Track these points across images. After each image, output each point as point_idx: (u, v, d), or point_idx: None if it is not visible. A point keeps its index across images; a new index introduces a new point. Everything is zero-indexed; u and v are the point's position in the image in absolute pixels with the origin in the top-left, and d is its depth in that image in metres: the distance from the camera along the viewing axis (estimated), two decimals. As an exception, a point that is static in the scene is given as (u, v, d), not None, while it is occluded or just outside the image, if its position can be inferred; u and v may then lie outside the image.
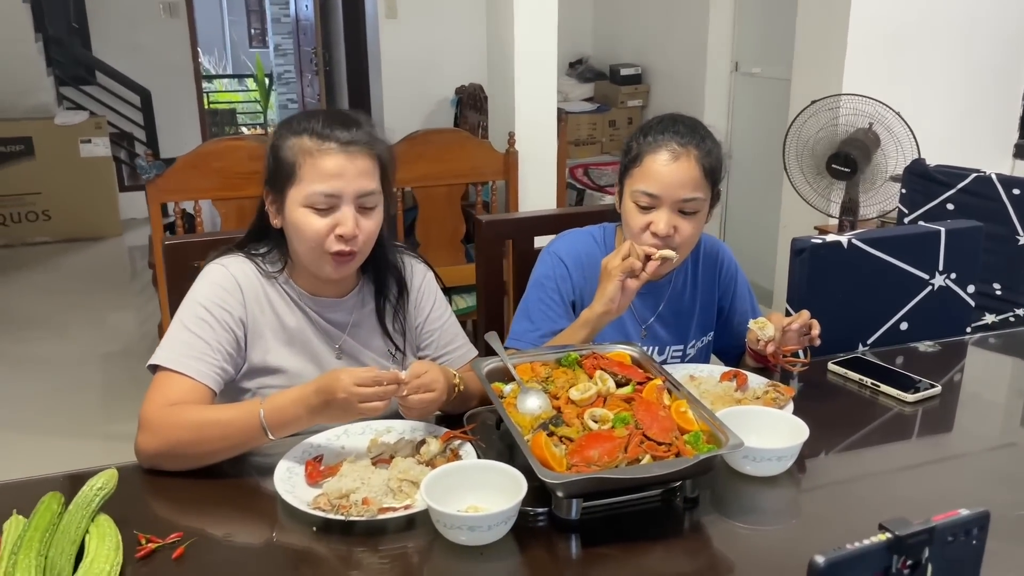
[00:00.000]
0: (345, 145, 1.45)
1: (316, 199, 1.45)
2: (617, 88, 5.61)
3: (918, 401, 1.62)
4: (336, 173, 1.44)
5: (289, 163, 1.47)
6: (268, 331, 1.54)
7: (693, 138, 1.63)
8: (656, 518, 1.28)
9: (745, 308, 1.86)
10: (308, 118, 1.50)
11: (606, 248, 1.78)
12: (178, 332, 1.47)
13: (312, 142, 1.46)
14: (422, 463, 1.35)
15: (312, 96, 8.40)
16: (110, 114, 6.67)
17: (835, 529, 1.25)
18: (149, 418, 1.37)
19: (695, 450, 1.26)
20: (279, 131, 1.52)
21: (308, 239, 1.47)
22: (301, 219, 1.47)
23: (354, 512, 1.21)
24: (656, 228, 1.61)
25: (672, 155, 1.61)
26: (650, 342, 1.79)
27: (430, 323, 1.68)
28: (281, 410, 1.35)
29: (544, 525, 1.25)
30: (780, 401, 1.54)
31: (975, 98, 4.20)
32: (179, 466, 1.36)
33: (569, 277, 1.75)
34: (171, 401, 1.39)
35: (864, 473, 1.42)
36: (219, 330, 1.48)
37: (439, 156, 3.43)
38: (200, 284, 1.52)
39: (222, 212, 3.24)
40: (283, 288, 1.57)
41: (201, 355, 1.45)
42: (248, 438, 1.36)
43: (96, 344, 4.54)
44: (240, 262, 1.55)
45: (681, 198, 1.61)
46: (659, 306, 1.79)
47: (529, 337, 1.73)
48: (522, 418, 1.35)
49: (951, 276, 1.96)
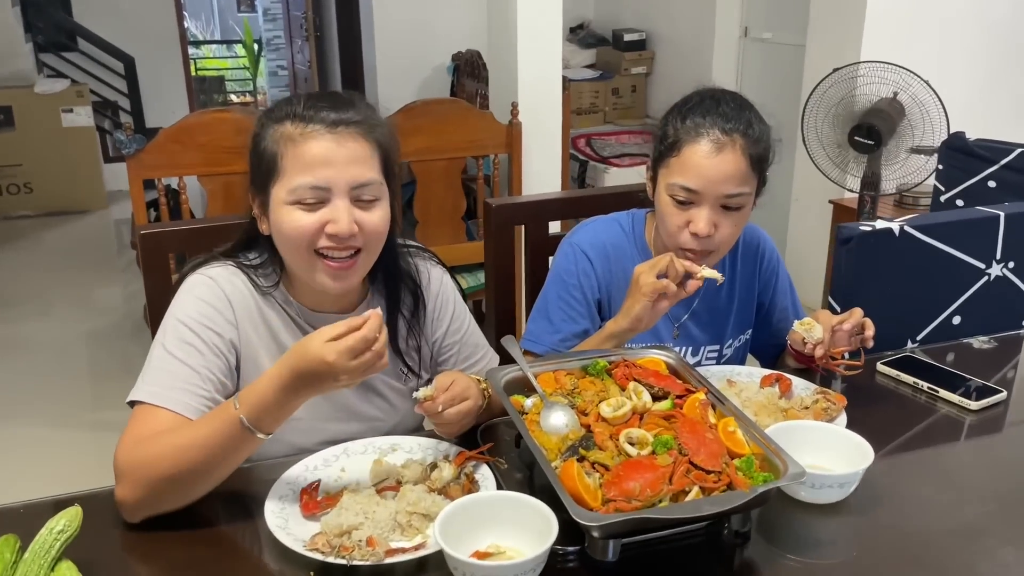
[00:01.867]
0: (332, 126, 1.23)
1: (302, 193, 1.22)
2: (620, 54, 5.39)
3: (982, 409, 1.46)
4: (323, 160, 1.22)
5: (270, 155, 1.25)
6: (264, 353, 1.33)
7: (739, 123, 1.43)
8: (702, 555, 1.12)
9: (786, 304, 1.69)
10: (290, 101, 1.27)
11: (635, 239, 1.60)
12: (160, 360, 1.25)
13: (294, 127, 1.24)
14: (433, 491, 1.18)
15: (303, 62, 8.14)
16: (92, 82, 6.43)
17: (904, 562, 1.10)
18: (121, 463, 1.16)
19: (749, 479, 1.09)
20: (260, 120, 1.30)
21: (292, 239, 1.24)
22: (286, 218, 1.24)
23: (357, 555, 1.05)
24: (696, 228, 1.44)
25: (715, 146, 1.41)
26: (683, 342, 1.62)
27: (450, 335, 1.48)
28: (262, 404, 1.12)
29: (575, 566, 1.09)
30: (832, 411, 1.37)
31: (996, 66, 4.02)
32: (170, 506, 1.15)
33: (593, 272, 1.57)
34: (145, 439, 1.18)
35: (933, 493, 1.26)
36: (208, 355, 1.26)
37: (438, 128, 3.23)
38: (184, 300, 1.30)
39: (209, 189, 3.06)
40: (280, 304, 1.36)
41: (188, 385, 1.23)
42: (235, 447, 1.15)
43: (81, 322, 4.37)
44: (230, 274, 1.33)
45: (724, 194, 1.43)
46: (694, 303, 1.61)
47: (548, 339, 1.56)
48: (547, 438, 1.18)
49: (1009, 265, 1.79)
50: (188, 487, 1.15)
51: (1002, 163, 2.36)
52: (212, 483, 1.16)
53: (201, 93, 9.04)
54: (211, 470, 1.15)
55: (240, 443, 1.15)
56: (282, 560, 1.09)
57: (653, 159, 1.52)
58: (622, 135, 5.17)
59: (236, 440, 1.14)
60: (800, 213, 4.27)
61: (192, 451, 1.14)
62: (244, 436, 1.13)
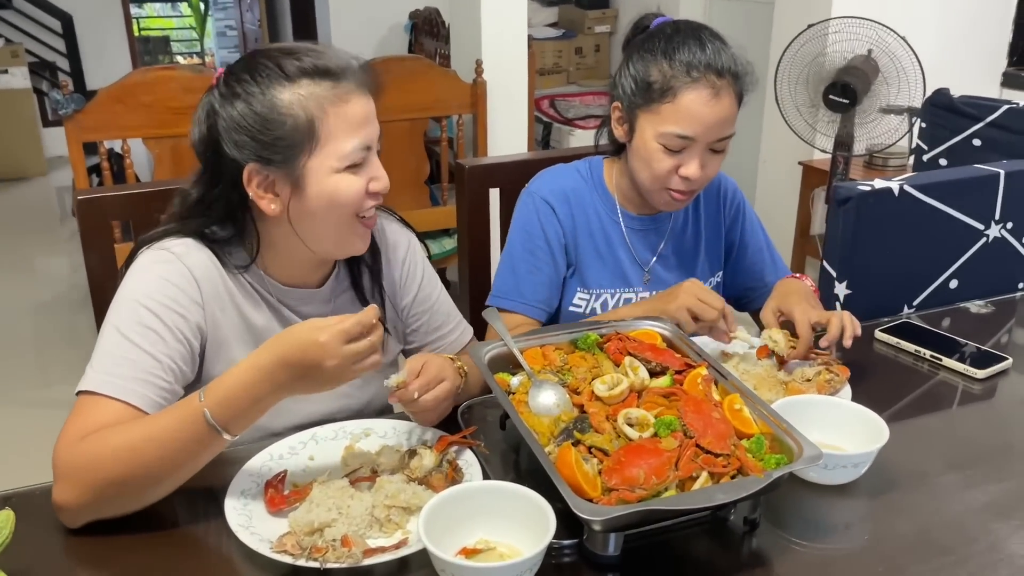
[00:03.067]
0: (357, 82, 1.14)
1: (356, 156, 1.13)
2: (583, 13, 5.24)
3: (988, 377, 1.39)
4: (365, 118, 1.14)
5: (303, 120, 1.09)
6: (232, 335, 1.19)
7: (729, 62, 1.37)
8: (707, 544, 1.03)
9: (759, 243, 1.63)
10: (288, 54, 1.12)
11: (595, 184, 1.55)
12: (115, 345, 1.09)
13: (323, 87, 1.11)
14: (413, 480, 1.07)
15: (252, 22, 7.84)
16: (28, 41, 6.13)
17: (923, 546, 1.02)
18: (62, 462, 1.01)
19: (760, 462, 1.00)
20: (262, 85, 1.10)
21: (347, 205, 1.14)
22: (338, 185, 1.13)
23: (332, 556, 0.94)
24: (688, 172, 1.40)
25: (713, 91, 1.35)
26: (654, 286, 1.56)
27: (419, 303, 1.37)
28: (233, 400, 1.00)
29: (573, 560, 0.99)
30: (836, 383, 1.29)
31: (965, 24, 3.97)
32: (116, 512, 1.02)
33: (556, 218, 1.51)
34: (91, 434, 1.03)
35: (944, 470, 1.18)
36: (171, 341, 1.12)
37: (400, 87, 3.07)
38: (142, 278, 1.14)
39: (155, 153, 2.87)
40: (249, 282, 1.22)
41: (147, 375, 1.08)
42: (197, 448, 1.01)
43: (24, 294, 4.18)
44: (195, 248, 1.18)
45: (718, 138, 1.39)
46: (660, 245, 1.57)
47: (515, 293, 1.50)
48: (537, 420, 1.08)
49: (1007, 226, 1.72)
50: (139, 493, 1.01)
51: (988, 120, 2.29)
52: (166, 489, 1.03)
53: (145, 54, 8.69)
54: (167, 475, 1.02)
55: (203, 444, 1.01)
56: (248, 563, 0.97)
57: (629, 102, 1.42)
58: (587, 96, 5.05)
59: (198, 441, 1.00)
60: (768, 175, 4.20)
61: (147, 453, 0.99)
62: (208, 436, 1.00)
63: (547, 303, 1.52)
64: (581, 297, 1.54)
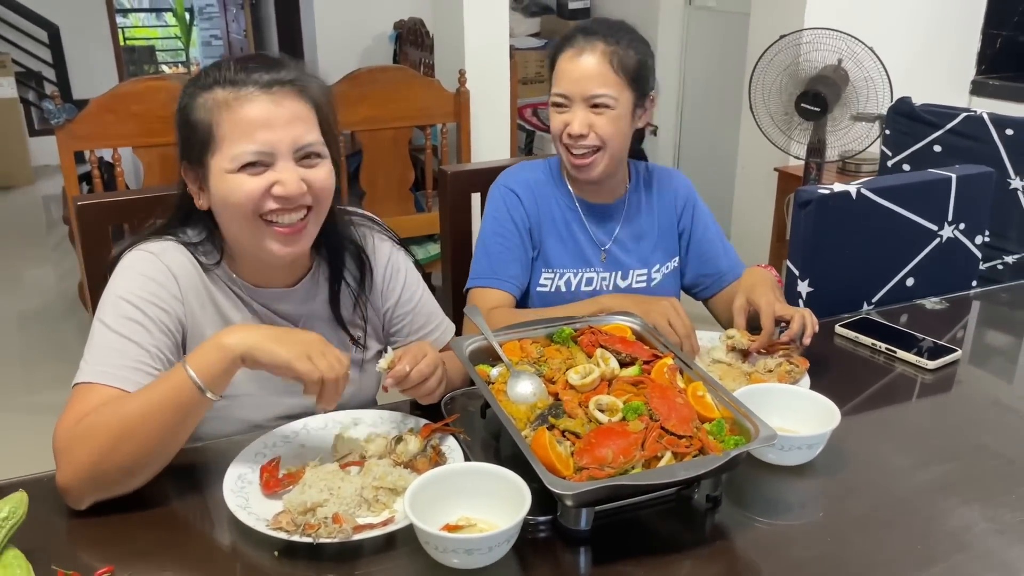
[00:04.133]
0: (266, 87, 1.17)
1: (245, 159, 1.16)
2: (565, 23, 5.34)
3: (939, 368, 1.48)
4: (262, 123, 1.16)
5: (204, 125, 1.18)
6: (210, 330, 1.26)
7: (603, 34, 1.56)
8: (673, 521, 1.11)
9: (710, 234, 1.75)
10: (218, 67, 1.20)
11: (554, 177, 1.71)
12: (103, 337, 1.17)
13: (226, 92, 1.17)
14: (399, 464, 1.15)
15: (238, 31, 7.89)
16: (14, 51, 6.15)
17: (871, 522, 1.10)
18: (59, 442, 1.09)
19: (720, 443, 1.08)
20: (187, 90, 1.22)
21: (241, 205, 1.18)
22: (229, 187, 1.17)
23: (323, 532, 1.01)
24: (571, 128, 1.56)
25: (576, 51, 1.56)
26: (611, 266, 1.70)
27: (402, 305, 1.44)
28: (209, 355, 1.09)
29: (548, 536, 1.07)
30: (795, 374, 1.38)
31: (935, 33, 4.08)
32: (116, 488, 1.09)
33: (521, 204, 1.67)
34: (86, 416, 1.10)
35: (894, 452, 1.27)
36: (156, 332, 1.19)
37: (384, 96, 3.16)
38: (125, 277, 1.22)
39: (145, 161, 2.93)
40: (224, 282, 1.29)
41: (136, 363, 1.15)
42: (184, 410, 1.08)
43: (11, 303, 4.20)
44: (172, 250, 1.26)
45: (590, 93, 1.55)
46: (615, 229, 1.71)
47: (490, 273, 1.64)
48: (515, 407, 1.16)
49: (959, 227, 1.82)
50: (132, 461, 1.07)
51: (947, 127, 2.40)
52: (158, 458, 1.10)
53: (131, 64, 8.71)
54: (158, 438, 1.08)
55: (190, 405, 1.08)
56: (245, 540, 1.04)
57: None
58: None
59: (185, 402, 1.07)
60: (746, 180, 4.30)
61: (136, 419, 1.06)
62: (193, 396, 1.07)
63: (519, 279, 1.65)
64: (546, 277, 1.68)
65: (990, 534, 1.07)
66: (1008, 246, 2.36)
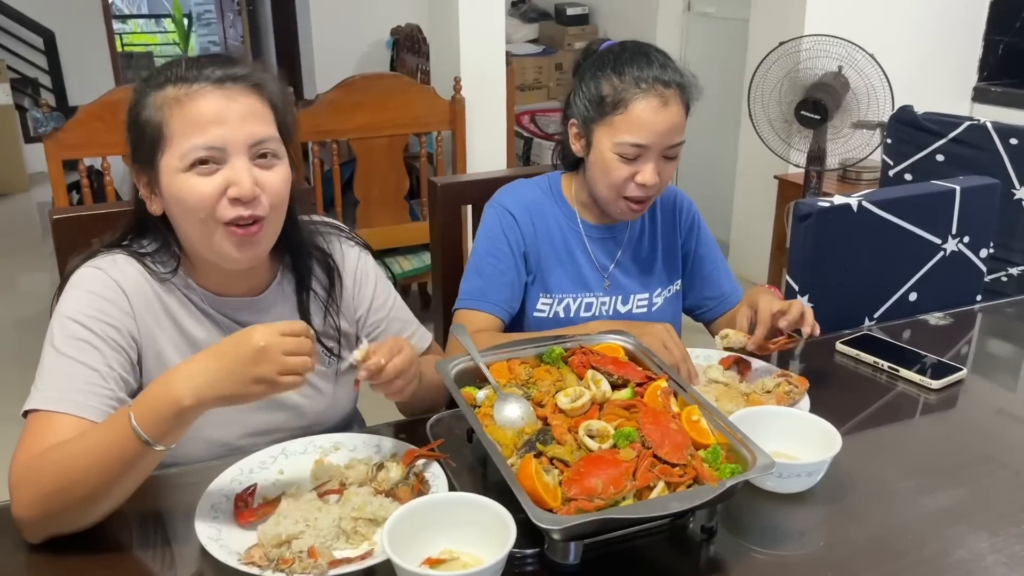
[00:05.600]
0: (219, 83, 1.12)
1: (195, 155, 1.10)
2: (563, 29, 5.32)
3: (944, 387, 1.43)
4: (214, 117, 1.10)
5: (153, 124, 1.11)
6: (169, 347, 1.21)
7: (674, 74, 1.46)
8: (667, 552, 1.06)
9: (714, 256, 1.71)
10: (169, 66, 1.15)
11: (554, 197, 1.64)
12: (52, 361, 1.11)
13: (176, 89, 1.11)
14: (380, 493, 1.10)
15: (235, 38, 7.87)
16: (10, 58, 6.11)
17: (875, 552, 1.05)
18: (14, 479, 1.03)
19: (716, 472, 1.03)
20: (138, 89, 1.16)
21: (195, 209, 1.12)
22: (182, 188, 1.11)
23: (298, 568, 0.96)
24: (645, 179, 1.47)
25: (661, 101, 1.44)
26: (614, 291, 1.63)
27: (375, 312, 1.39)
28: (156, 408, 0.99)
29: (535, 569, 1.02)
30: (795, 395, 1.33)
31: (936, 40, 4.04)
32: (68, 527, 1.03)
33: (517, 226, 1.59)
34: (39, 450, 1.05)
35: (898, 476, 1.21)
36: (106, 350, 1.14)
37: (379, 104, 3.11)
38: (70, 296, 1.16)
39: (134, 170, 2.88)
40: (181, 291, 1.23)
41: (87, 385, 1.10)
42: (130, 461, 1.00)
43: (6, 310, 4.15)
44: (123, 262, 1.20)
45: (669, 145, 1.47)
46: (618, 253, 1.64)
47: (480, 295, 1.56)
48: (501, 433, 1.10)
49: (964, 240, 1.77)
50: (81, 506, 1.02)
51: (950, 136, 2.35)
52: (107, 502, 1.03)
53: (128, 70, 8.67)
54: (104, 487, 1.01)
55: (135, 455, 1.00)
56: (217, 575, 0.99)
57: (584, 118, 1.51)
58: (566, 111, 5.10)
59: (130, 451, 0.99)
60: (745, 189, 4.26)
61: (80, 465, 1.00)
62: (138, 447, 0.99)
63: (510, 304, 1.58)
64: (544, 302, 1.61)
65: (1000, 567, 1.02)
66: (1013, 257, 2.31)
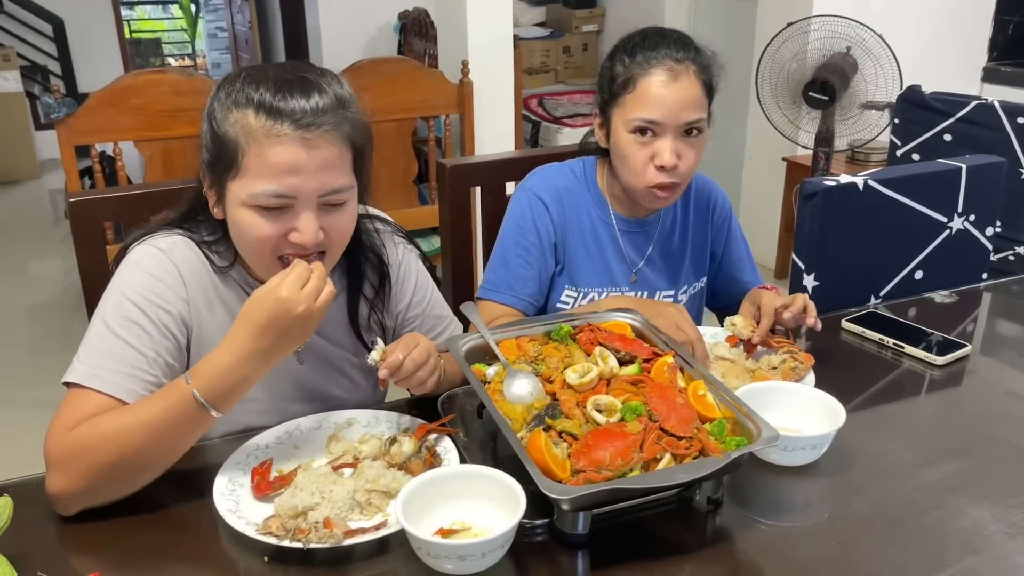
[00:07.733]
0: (304, 129, 1.09)
1: (263, 200, 1.10)
2: (571, 12, 5.30)
3: (948, 363, 1.44)
4: (290, 168, 1.09)
5: (231, 145, 1.10)
6: (218, 333, 1.20)
7: (688, 51, 1.43)
8: (674, 523, 1.08)
9: (740, 255, 1.68)
10: (255, 82, 1.11)
11: (588, 184, 1.59)
12: (102, 338, 1.12)
13: (259, 121, 1.09)
14: (393, 466, 1.12)
15: (243, 23, 7.86)
16: (19, 45, 6.15)
17: (878, 523, 1.07)
18: (54, 452, 1.06)
19: (721, 444, 1.05)
20: (219, 94, 1.13)
21: (252, 246, 1.14)
22: (244, 221, 1.12)
23: (314, 537, 0.99)
24: (662, 160, 1.42)
25: (670, 74, 1.41)
26: (641, 287, 1.61)
27: (413, 307, 1.40)
28: (218, 377, 1.04)
29: (544, 539, 1.04)
30: (800, 371, 1.35)
31: (946, 20, 4.03)
32: (109, 498, 1.07)
33: (549, 216, 1.55)
34: (80, 425, 1.07)
35: (902, 450, 1.24)
36: (156, 336, 1.15)
37: (387, 88, 3.13)
38: (129, 274, 1.17)
39: (146, 155, 2.92)
40: (238, 283, 1.25)
41: (132, 369, 1.11)
42: (187, 428, 1.06)
43: (18, 297, 4.21)
44: (182, 246, 1.21)
45: (685, 121, 1.42)
46: (648, 248, 1.60)
47: (506, 286, 1.54)
48: (511, 408, 1.13)
49: (970, 218, 1.78)
50: (132, 475, 1.06)
51: (958, 116, 2.35)
52: (157, 471, 1.08)
53: (137, 56, 8.70)
54: (160, 456, 1.07)
55: (192, 423, 1.06)
56: (235, 545, 1.02)
57: (602, 104, 1.50)
58: (574, 95, 5.10)
59: (188, 420, 1.05)
60: (753, 170, 4.26)
61: (139, 434, 1.04)
62: (197, 415, 1.05)
63: (536, 298, 1.56)
64: (569, 295, 1.58)
65: (1000, 536, 1.04)
66: (1019, 236, 2.31)
